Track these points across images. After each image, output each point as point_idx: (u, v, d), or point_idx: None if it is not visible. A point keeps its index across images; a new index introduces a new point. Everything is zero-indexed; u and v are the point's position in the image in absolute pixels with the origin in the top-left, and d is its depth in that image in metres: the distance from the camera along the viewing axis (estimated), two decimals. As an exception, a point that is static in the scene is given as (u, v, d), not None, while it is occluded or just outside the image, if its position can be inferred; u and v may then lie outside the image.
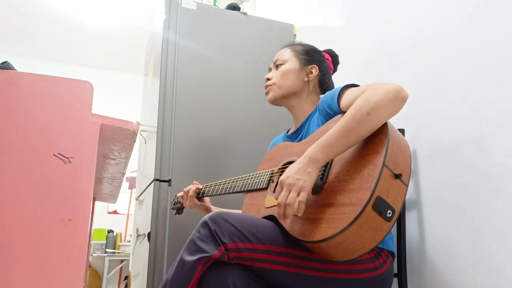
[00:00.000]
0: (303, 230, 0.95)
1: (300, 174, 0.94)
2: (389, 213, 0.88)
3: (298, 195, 0.93)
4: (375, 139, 0.95)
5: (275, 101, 1.36)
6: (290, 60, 1.35)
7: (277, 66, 1.37)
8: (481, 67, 1.12)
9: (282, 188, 0.96)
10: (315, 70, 1.34)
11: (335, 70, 1.45)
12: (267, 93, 1.36)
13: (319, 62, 1.36)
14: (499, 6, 1.08)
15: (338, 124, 0.97)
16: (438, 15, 1.29)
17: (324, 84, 1.36)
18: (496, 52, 1.08)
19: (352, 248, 0.90)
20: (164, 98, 1.91)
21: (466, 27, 1.18)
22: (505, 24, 1.06)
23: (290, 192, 0.94)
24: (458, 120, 1.17)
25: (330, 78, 1.39)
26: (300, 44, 1.40)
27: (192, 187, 1.45)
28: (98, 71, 5.22)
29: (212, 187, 1.41)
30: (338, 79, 1.47)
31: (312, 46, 1.41)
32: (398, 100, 0.95)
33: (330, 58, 1.42)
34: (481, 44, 1.12)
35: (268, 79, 1.37)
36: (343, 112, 1.09)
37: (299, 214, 0.94)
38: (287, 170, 0.98)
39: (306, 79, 1.33)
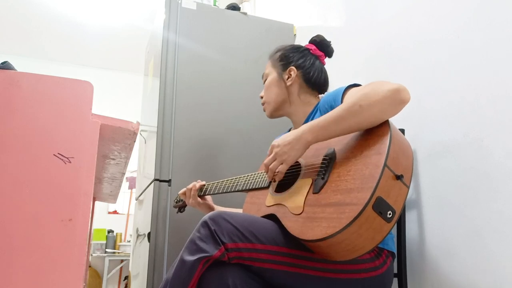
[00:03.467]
0: (303, 228, 0.95)
1: (288, 148, 1.02)
2: (390, 214, 0.88)
3: (281, 164, 1.03)
4: (377, 139, 0.95)
5: (272, 116, 1.40)
6: (270, 72, 1.39)
7: (264, 82, 1.41)
8: (481, 67, 1.12)
9: (272, 151, 1.06)
10: (293, 72, 1.34)
11: (327, 54, 1.40)
12: (264, 111, 1.42)
13: (296, 62, 1.35)
14: (499, 6, 1.08)
15: (333, 110, 1.01)
16: (438, 15, 1.29)
17: (311, 79, 1.34)
18: (496, 52, 1.08)
19: (351, 248, 0.89)
20: (164, 98, 1.91)
21: (466, 27, 1.18)
22: (505, 24, 1.06)
23: (275, 159, 1.04)
24: (458, 120, 1.17)
25: (316, 71, 1.35)
26: (277, 50, 1.40)
27: (195, 184, 1.45)
28: (98, 71, 5.22)
29: (214, 186, 1.41)
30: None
31: (290, 46, 1.39)
32: (395, 99, 0.95)
33: (314, 47, 1.38)
34: (481, 44, 1.12)
35: (262, 97, 1.42)
36: None
37: (275, 180, 1.08)
38: (282, 136, 1.05)
39: (287, 84, 1.34)
